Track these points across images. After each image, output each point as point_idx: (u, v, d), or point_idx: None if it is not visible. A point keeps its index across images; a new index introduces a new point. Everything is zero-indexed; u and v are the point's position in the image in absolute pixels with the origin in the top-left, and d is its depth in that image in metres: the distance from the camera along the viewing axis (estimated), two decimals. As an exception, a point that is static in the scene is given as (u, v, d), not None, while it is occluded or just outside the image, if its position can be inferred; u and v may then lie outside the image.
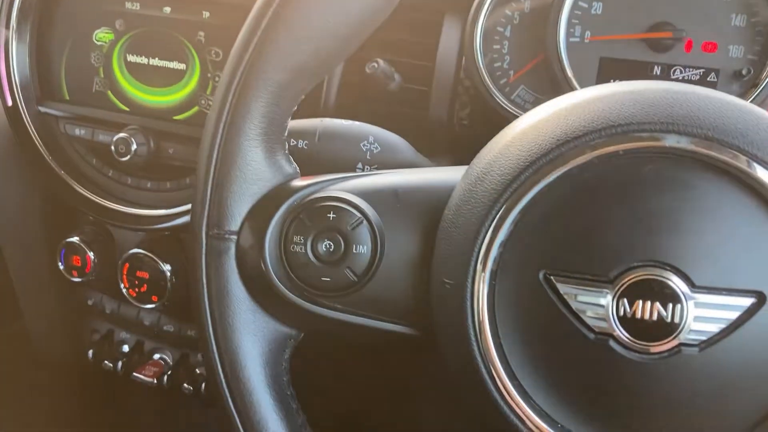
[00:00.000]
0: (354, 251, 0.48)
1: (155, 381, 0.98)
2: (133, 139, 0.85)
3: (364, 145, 0.63)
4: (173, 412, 1.16)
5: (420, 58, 0.84)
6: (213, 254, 0.50)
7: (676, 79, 0.73)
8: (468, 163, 0.77)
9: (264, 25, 0.49)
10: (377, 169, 0.64)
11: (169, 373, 0.99)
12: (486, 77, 0.76)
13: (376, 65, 0.80)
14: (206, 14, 0.85)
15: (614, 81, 0.54)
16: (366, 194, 0.50)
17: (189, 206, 0.85)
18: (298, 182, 0.52)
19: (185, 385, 0.98)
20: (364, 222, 0.49)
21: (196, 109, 0.87)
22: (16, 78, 0.90)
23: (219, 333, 0.51)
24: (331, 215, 0.49)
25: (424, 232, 0.49)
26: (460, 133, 0.83)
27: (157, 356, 1.02)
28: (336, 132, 0.63)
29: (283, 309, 0.51)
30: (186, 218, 0.86)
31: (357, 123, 0.65)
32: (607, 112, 0.42)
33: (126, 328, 1.03)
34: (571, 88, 0.72)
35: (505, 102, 0.77)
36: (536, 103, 0.78)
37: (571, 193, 0.42)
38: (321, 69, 0.52)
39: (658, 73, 0.73)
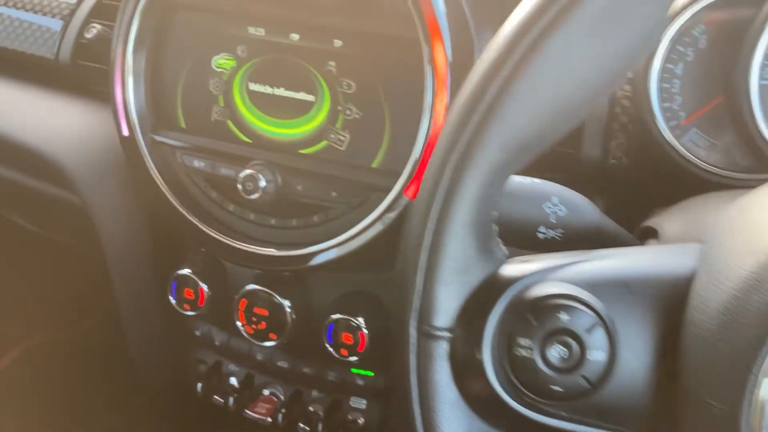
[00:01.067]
0: (589, 357, 0.43)
1: (269, 419, 0.94)
2: (260, 176, 0.80)
3: (547, 207, 0.58)
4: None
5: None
6: (424, 353, 0.45)
7: None
8: (630, 203, 0.71)
9: (488, 97, 0.43)
10: (562, 233, 0.58)
11: (282, 410, 0.95)
12: (661, 121, 0.70)
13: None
14: (338, 43, 0.79)
15: None
16: (596, 288, 0.44)
17: (318, 246, 0.81)
18: (511, 269, 0.47)
19: (301, 425, 0.94)
20: (600, 323, 0.43)
21: (324, 143, 0.82)
22: (132, 106, 0.86)
23: None
24: (563, 316, 0.43)
25: (661, 332, 0.44)
26: (614, 172, 0.77)
27: (267, 391, 0.99)
28: (517, 191, 0.58)
29: (498, 414, 0.46)
30: (313, 261, 0.81)
31: (538, 181, 0.59)
32: None
33: (235, 361, 0.99)
34: (763, 138, 0.66)
35: (677, 145, 0.70)
36: (711, 149, 0.71)
37: None
38: (544, 143, 0.46)
39: None
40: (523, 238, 0.57)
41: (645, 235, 0.63)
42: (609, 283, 0.45)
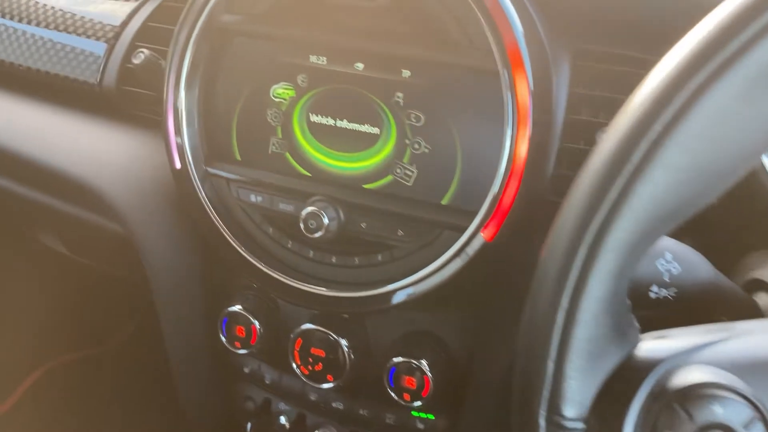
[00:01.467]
0: None
1: (324, 462, 0.90)
2: (323, 213, 0.76)
3: (660, 264, 0.53)
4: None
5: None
6: (554, 445, 0.41)
7: None
8: (718, 246, 0.66)
9: (633, 162, 0.38)
10: (675, 293, 0.53)
11: (337, 453, 0.91)
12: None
13: (610, 136, 0.69)
14: (406, 73, 0.75)
15: None
16: (748, 373, 0.40)
17: (384, 288, 0.76)
18: (650, 350, 0.42)
19: (357, 467, 0.90)
20: (759, 417, 0.38)
21: (390, 178, 0.77)
22: (184, 137, 0.82)
23: None
24: (717, 408, 0.39)
25: None
26: (704, 213, 0.72)
27: (320, 432, 0.94)
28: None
29: None
30: (378, 304, 0.77)
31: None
32: None
33: (286, 400, 0.95)
34: None
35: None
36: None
37: None
38: (693, 211, 0.41)
39: None
40: (634, 298, 0.52)
41: (752, 288, 0.58)
42: (763, 366, 0.40)
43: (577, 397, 0.40)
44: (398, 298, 0.75)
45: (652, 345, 0.42)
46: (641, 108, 0.39)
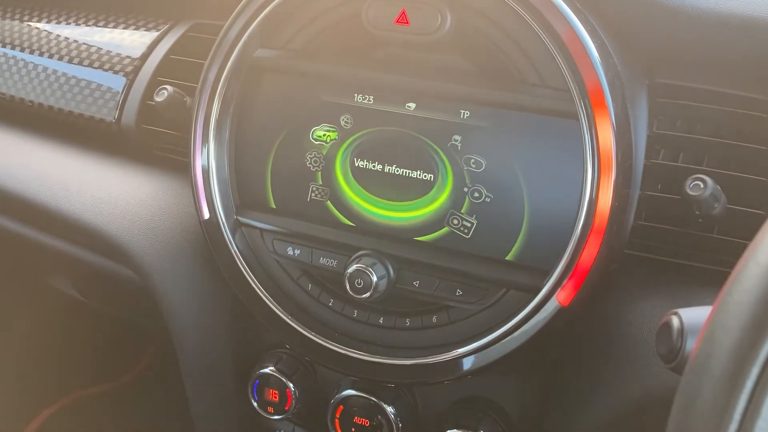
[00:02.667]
0: None
1: None
2: (371, 270, 0.67)
3: None
4: None
5: (747, 169, 0.64)
6: None
7: None
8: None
9: None
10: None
11: None
12: None
13: (702, 184, 0.61)
14: (465, 114, 0.66)
15: None
16: None
17: (441, 357, 0.68)
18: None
19: None
20: None
21: (446, 230, 0.69)
22: (214, 184, 0.74)
23: None
24: None
25: None
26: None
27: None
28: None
29: None
30: (436, 376, 0.68)
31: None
32: None
33: (323, 468, 0.86)
34: None
35: None
36: None
37: None
38: None
39: None
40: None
41: None
42: None
43: None
44: (463, 367, 0.67)
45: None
46: None
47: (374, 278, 0.67)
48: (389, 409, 0.75)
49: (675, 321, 0.44)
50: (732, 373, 0.31)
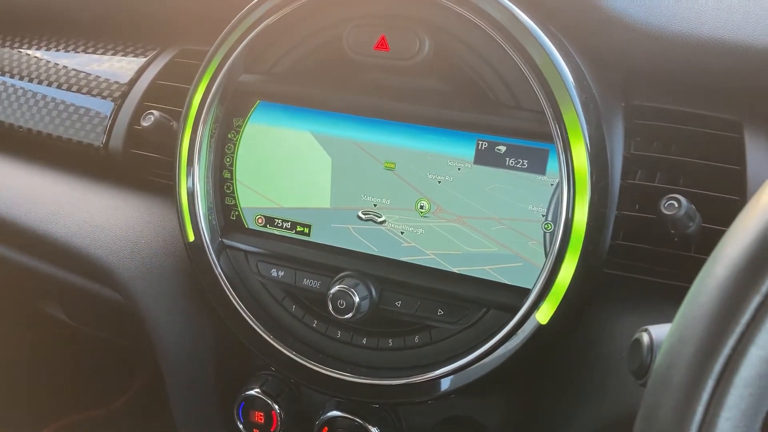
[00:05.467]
0: None
1: None
2: (354, 291, 0.68)
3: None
4: None
5: (721, 188, 0.66)
6: None
7: None
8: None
9: None
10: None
11: None
12: None
13: (676, 203, 0.62)
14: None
15: None
16: None
17: (423, 377, 0.69)
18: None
19: None
20: None
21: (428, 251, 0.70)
22: (199, 206, 0.75)
23: None
24: None
25: None
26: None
27: None
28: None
29: None
30: (416, 395, 0.69)
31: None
32: None
33: (309, 491, 0.86)
34: None
35: None
36: None
37: None
38: None
39: None
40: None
41: None
42: None
43: None
44: (443, 387, 0.67)
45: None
46: None
47: (356, 299, 0.68)
48: (373, 430, 0.75)
49: (645, 337, 0.45)
50: (689, 385, 0.32)
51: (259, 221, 0.75)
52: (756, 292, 0.31)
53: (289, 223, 0.74)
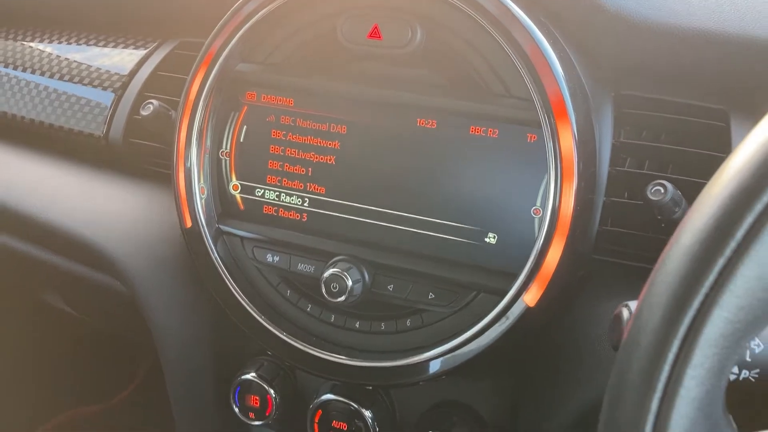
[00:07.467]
0: None
1: None
2: (347, 275, 0.70)
3: (742, 341, 0.46)
4: None
5: (707, 175, 0.67)
6: None
7: None
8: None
9: (739, 239, 0.32)
10: (758, 374, 0.47)
11: None
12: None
13: (662, 189, 0.63)
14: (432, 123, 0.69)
15: None
16: None
17: (414, 359, 0.70)
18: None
19: None
20: None
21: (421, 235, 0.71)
22: (196, 193, 0.76)
23: None
24: None
25: None
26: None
27: None
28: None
29: None
30: (407, 377, 0.70)
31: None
32: None
33: (303, 475, 0.87)
34: None
35: None
36: None
37: None
38: None
39: None
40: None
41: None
42: None
43: None
44: (433, 369, 0.68)
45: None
46: (745, 176, 0.33)
47: (349, 282, 0.69)
48: (367, 414, 0.77)
49: (625, 312, 0.47)
50: (656, 345, 0.34)
51: (255, 207, 0.77)
52: (720, 255, 0.32)
53: (285, 209, 0.76)
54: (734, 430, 0.37)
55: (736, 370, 0.46)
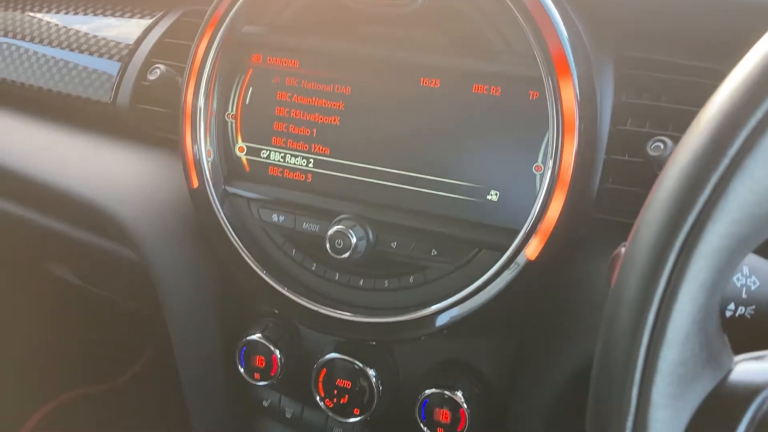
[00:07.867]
0: None
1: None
2: (351, 232, 0.71)
3: (738, 279, 0.48)
4: None
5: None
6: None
7: None
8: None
9: (729, 154, 0.34)
10: (754, 310, 0.48)
11: (364, 494, 0.84)
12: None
13: (662, 145, 0.64)
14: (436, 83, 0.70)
15: None
16: None
17: (418, 313, 0.71)
18: (749, 373, 0.36)
19: None
20: None
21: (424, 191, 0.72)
22: (202, 155, 0.78)
23: None
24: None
25: None
26: None
27: (345, 470, 0.88)
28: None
29: None
30: (409, 332, 0.71)
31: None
32: None
33: (309, 435, 0.89)
34: None
35: None
36: None
37: None
38: None
39: None
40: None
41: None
42: None
43: (666, 428, 0.35)
44: (436, 323, 0.70)
45: (749, 367, 0.37)
46: (738, 93, 0.34)
47: (354, 239, 0.71)
48: (370, 372, 0.78)
49: (623, 251, 0.48)
50: (652, 260, 0.35)
51: (261, 168, 0.78)
52: (714, 170, 0.34)
53: (290, 170, 0.77)
54: (729, 349, 0.38)
55: (732, 306, 0.48)
